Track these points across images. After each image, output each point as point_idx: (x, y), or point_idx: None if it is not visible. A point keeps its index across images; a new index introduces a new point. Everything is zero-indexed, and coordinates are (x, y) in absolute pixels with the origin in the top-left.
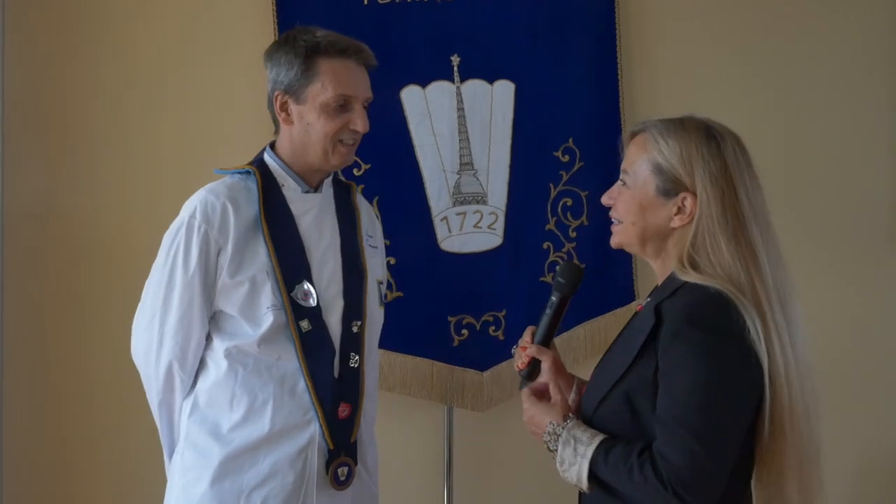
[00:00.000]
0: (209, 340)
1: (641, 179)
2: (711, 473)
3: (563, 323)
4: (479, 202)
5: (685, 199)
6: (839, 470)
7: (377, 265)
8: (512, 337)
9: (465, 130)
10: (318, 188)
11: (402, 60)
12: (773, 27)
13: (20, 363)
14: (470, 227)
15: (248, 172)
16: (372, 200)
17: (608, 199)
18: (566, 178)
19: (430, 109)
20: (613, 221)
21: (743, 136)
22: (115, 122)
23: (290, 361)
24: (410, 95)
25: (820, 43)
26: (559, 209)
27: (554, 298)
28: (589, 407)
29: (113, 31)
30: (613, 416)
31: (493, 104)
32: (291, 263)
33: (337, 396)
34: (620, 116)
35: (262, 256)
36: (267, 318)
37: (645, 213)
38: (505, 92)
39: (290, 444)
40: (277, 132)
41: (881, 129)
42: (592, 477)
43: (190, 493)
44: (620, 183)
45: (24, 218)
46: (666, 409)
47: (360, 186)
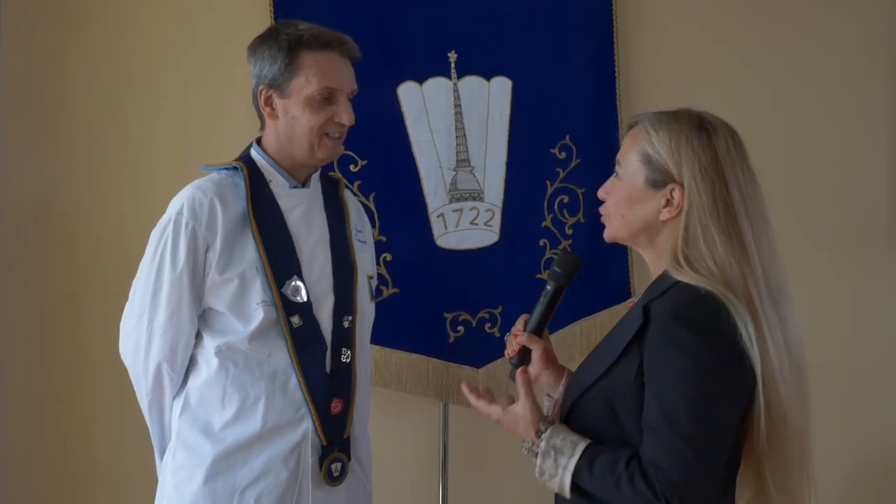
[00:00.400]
0: (199, 338)
1: (632, 171)
2: (704, 480)
3: (558, 320)
4: (475, 199)
5: (673, 190)
6: (836, 469)
7: (367, 260)
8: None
9: (461, 127)
10: (305, 183)
11: (399, 57)
12: (771, 27)
13: (16, 362)
14: (466, 223)
15: (235, 168)
16: (368, 197)
17: (603, 192)
18: (563, 175)
19: (426, 106)
20: (602, 214)
21: (741, 135)
22: (112, 120)
23: (281, 358)
24: (407, 92)
25: (819, 43)
26: (556, 206)
27: (549, 287)
28: (568, 401)
29: (111, 29)
30: (591, 413)
31: (490, 101)
32: (281, 259)
33: (329, 392)
34: (617, 114)
35: (250, 252)
36: (257, 314)
37: (633, 204)
38: (502, 89)
39: (282, 440)
40: (263, 127)
41: (880, 129)
42: (575, 487)
43: (182, 492)
44: (615, 176)
45: (20, 216)
46: (655, 413)
47: (356, 182)
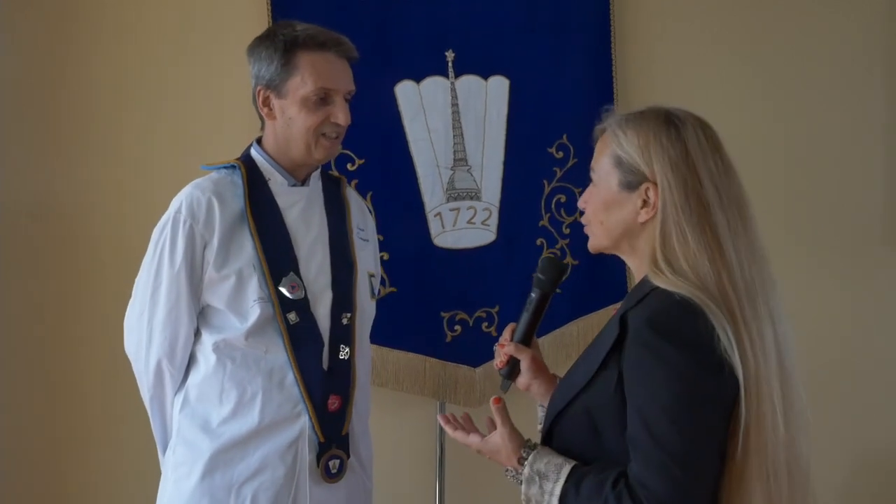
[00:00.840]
0: (198, 335)
1: (605, 175)
2: (694, 492)
3: (555, 319)
4: (472, 198)
5: (647, 189)
6: (835, 469)
7: (368, 258)
8: None
9: (459, 126)
10: (305, 181)
11: (396, 56)
12: (769, 27)
13: (15, 361)
14: (463, 222)
15: (233, 167)
16: (366, 196)
17: (582, 202)
18: (560, 174)
19: (424, 105)
20: (584, 224)
21: (738, 134)
22: (111, 120)
23: (278, 354)
24: (405, 91)
25: (817, 43)
26: (553, 205)
27: (534, 295)
28: (549, 416)
29: (109, 29)
30: (573, 429)
31: (487, 100)
32: (278, 256)
33: (326, 389)
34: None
35: (248, 250)
36: (254, 310)
37: (610, 209)
38: (499, 88)
39: (280, 437)
40: (263, 127)
41: (878, 129)
42: None
43: (181, 487)
44: (591, 185)
45: (19, 215)
46: (638, 429)
47: (353, 181)
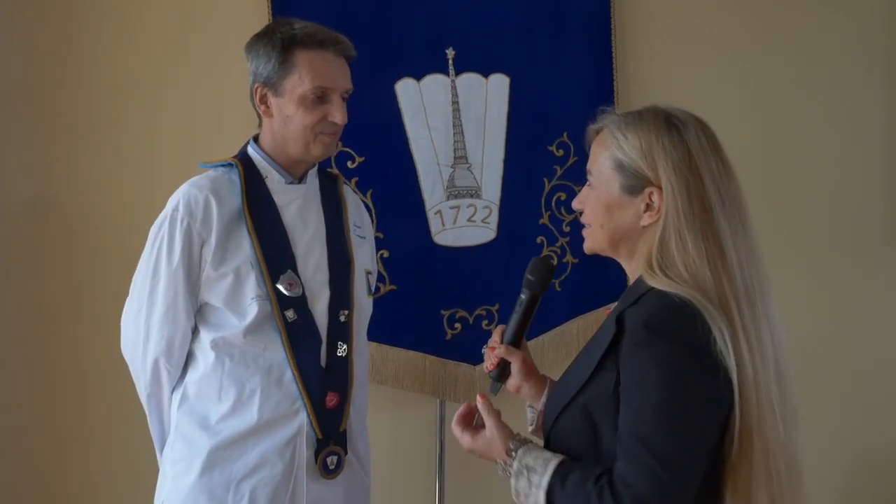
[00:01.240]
0: (196, 332)
1: (605, 178)
2: (677, 495)
3: (555, 317)
4: (472, 196)
5: (651, 193)
6: (834, 469)
7: (365, 255)
8: None
9: (459, 124)
10: (302, 179)
11: (397, 53)
12: (769, 27)
13: (15, 360)
14: (464, 220)
15: (230, 165)
16: (366, 193)
17: (578, 203)
18: (560, 172)
19: (424, 103)
20: (584, 226)
21: (738, 134)
22: (111, 118)
23: (276, 352)
24: (405, 88)
25: (817, 43)
26: (553, 203)
27: (523, 297)
28: (549, 419)
29: (109, 28)
30: (572, 430)
31: (487, 98)
32: (275, 254)
33: (325, 386)
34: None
35: (245, 248)
36: (252, 308)
37: (612, 213)
38: (500, 86)
39: (278, 434)
40: (260, 125)
41: (878, 130)
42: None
43: (179, 484)
44: (587, 185)
45: (19, 214)
46: (628, 428)
47: (353, 179)
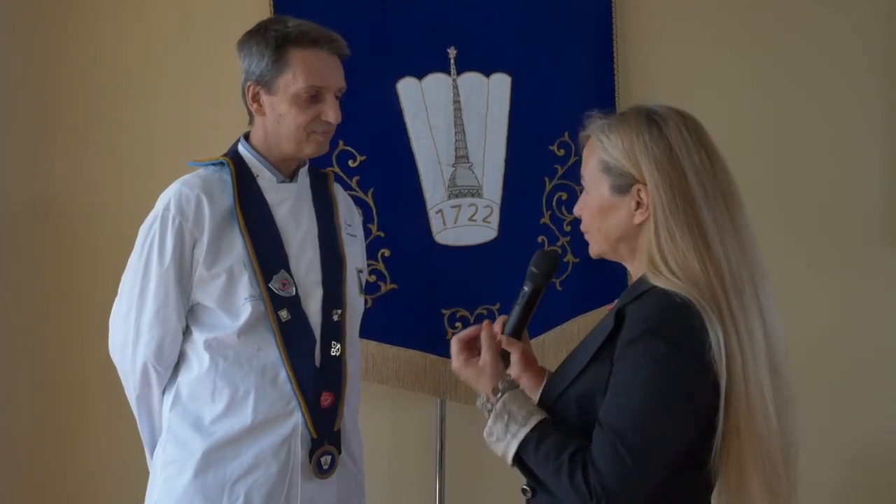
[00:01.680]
0: (189, 333)
1: (595, 182)
2: (641, 489)
3: (556, 317)
4: (474, 195)
5: (639, 191)
6: (832, 466)
7: (356, 253)
8: None
9: (460, 123)
10: (293, 177)
11: (398, 52)
12: (770, 27)
13: (15, 359)
14: (465, 220)
15: (221, 164)
16: (367, 192)
17: (578, 210)
18: (561, 171)
19: (426, 102)
20: (584, 232)
21: (737, 132)
22: (110, 118)
23: (270, 352)
24: (407, 87)
25: (817, 43)
26: (554, 203)
27: (526, 289)
28: (543, 406)
29: (108, 27)
30: (565, 419)
31: (489, 97)
32: (268, 253)
33: (319, 385)
34: (616, 111)
35: (238, 247)
36: (245, 308)
37: (606, 215)
38: (501, 85)
39: (272, 434)
40: (251, 123)
41: (877, 130)
42: (518, 458)
43: (172, 485)
44: (583, 192)
45: (18, 214)
46: (609, 417)
47: (354, 178)
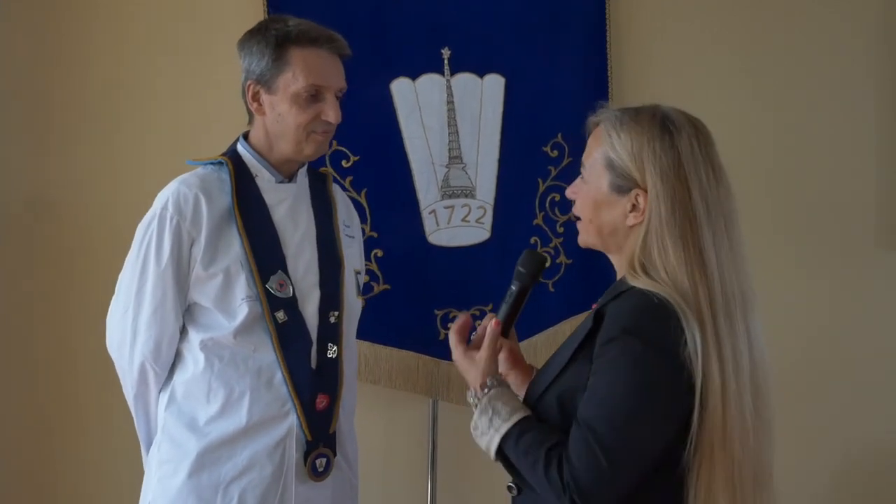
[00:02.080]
0: (185, 333)
1: (596, 174)
2: (613, 487)
3: (549, 318)
4: (467, 196)
5: (638, 195)
6: (823, 468)
7: (354, 255)
8: None
9: (454, 124)
10: (292, 178)
11: (392, 52)
12: (766, 27)
13: (9, 355)
14: (458, 220)
15: (220, 163)
16: (360, 193)
17: (571, 193)
18: (555, 173)
19: (419, 102)
20: (577, 222)
21: (731, 134)
22: (103, 116)
23: (266, 353)
24: (400, 88)
25: (813, 46)
26: (547, 204)
27: (513, 288)
28: (527, 404)
29: (102, 26)
30: (546, 417)
31: (482, 98)
32: (266, 254)
33: (315, 387)
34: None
35: (235, 247)
36: (242, 309)
37: (600, 209)
38: (495, 86)
39: (267, 436)
40: (251, 122)
41: (872, 134)
42: (500, 452)
43: (167, 485)
44: (580, 177)
45: (11, 211)
46: (586, 414)
47: (347, 178)
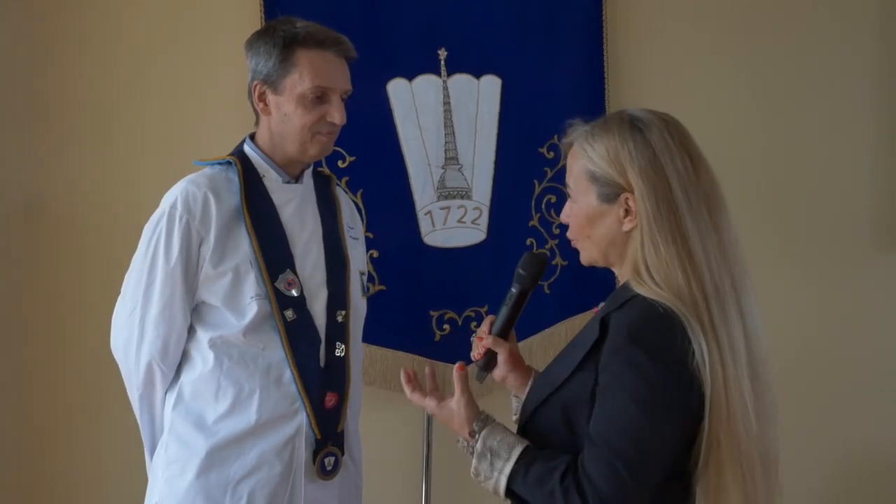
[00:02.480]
0: (193, 332)
1: (582, 191)
2: (638, 499)
3: (544, 319)
4: (463, 197)
5: (627, 199)
6: (816, 471)
7: (359, 256)
8: None
9: (450, 125)
10: (298, 178)
11: (389, 53)
12: (761, 28)
13: (4, 356)
14: (454, 221)
15: (228, 163)
16: (356, 193)
17: (565, 217)
18: (551, 174)
19: (416, 103)
20: (572, 240)
21: (728, 137)
22: (99, 117)
23: (275, 351)
24: (397, 88)
25: (807, 46)
26: (543, 206)
27: (514, 290)
28: (525, 412)
29: (97, 26)
30: (548, 426)
31: (479, 99)
32: (274, 253)
33: (324, 386)
34: (606, 114)
35: (244, 246)
36: (251, 307)
37: (594, 224)
38: (491, 87)
39: (276, 434)
40: (258, 123)
41: (868, 137)
42: (510, 491)
43: (174, 485)
44: (570, 200)
45: (8, 214)
46: (600, 430)
47: (343, 179)
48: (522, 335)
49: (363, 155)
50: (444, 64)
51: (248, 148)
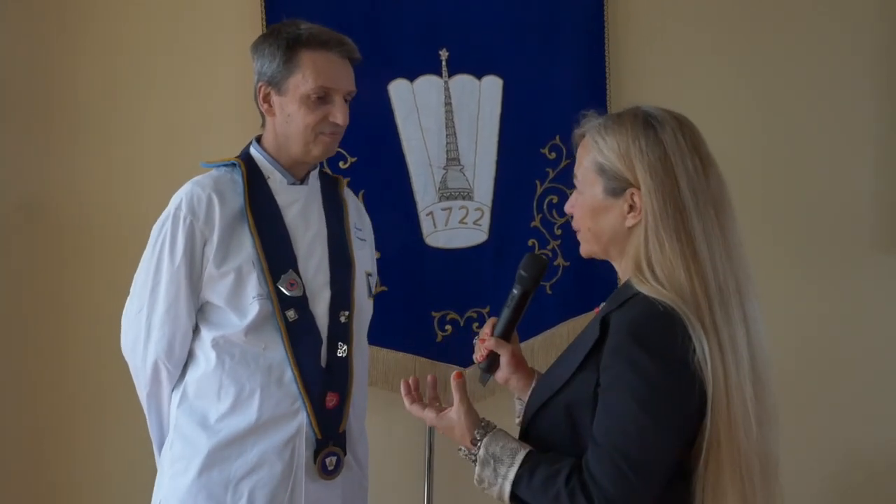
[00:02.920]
0: (197, 331)
1: (589, 182)
2: (644, 499)
3: (546, 320)
4: (464, 198)
5: (633, 195)
6: (815, 473)
7: (366, 257)
8: None
9: (452, 125)
10: (304, 180)
11: (390, 54)
12: (762, 28)
13: (5, 357)
14: (455, 222)
15: (233, 165)
16: (358, 194)
17: (569, 207)
18: (552, 175)
19: (417, 103)
20: (575, 231)
21: (728, 137)
22: (99, 118)
23: (276, 351)
24: (398, 89)
25: (807, 46)
26: (545, 206)
27: (515, 292)
28: (528, 413)
29: (97, 27)
30: (551, 426)
31: (480, 99)
32: (277, 253)
33: (325, 386)
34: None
35: (247, 247)
36: (253, 307)
37: (598, 216)
38: (493, 87)
39: (277, 433)
40: (264, 125)
41: (868, 136)
42: (515, 497)
43: (177, 483)
44: (576, 191)
45: (6, 213)
46: (603, 431)
47: (346, 179)
48: (524, 336)
49: (365, 156)
50: (445, 64)
51: (253, 150)
